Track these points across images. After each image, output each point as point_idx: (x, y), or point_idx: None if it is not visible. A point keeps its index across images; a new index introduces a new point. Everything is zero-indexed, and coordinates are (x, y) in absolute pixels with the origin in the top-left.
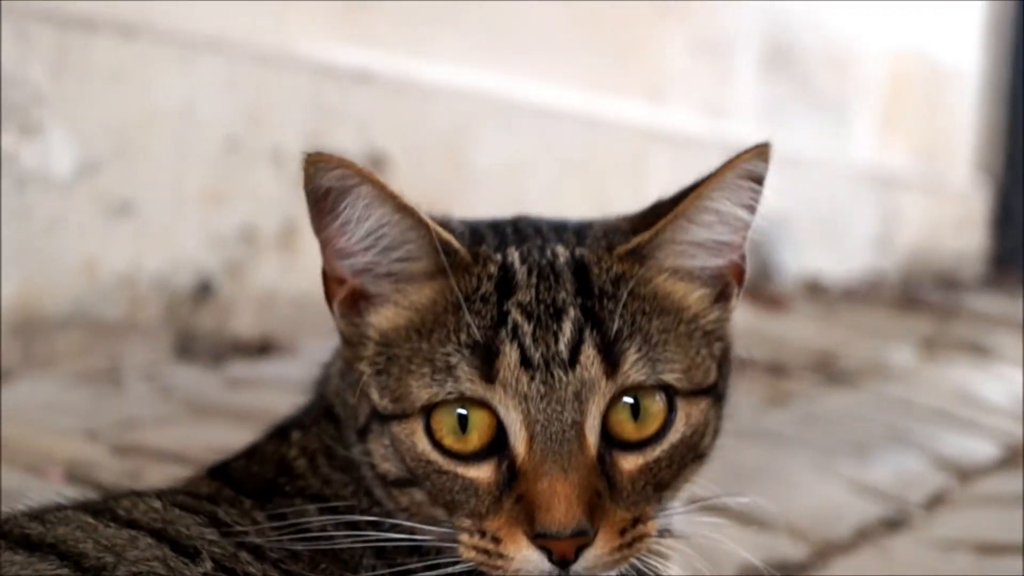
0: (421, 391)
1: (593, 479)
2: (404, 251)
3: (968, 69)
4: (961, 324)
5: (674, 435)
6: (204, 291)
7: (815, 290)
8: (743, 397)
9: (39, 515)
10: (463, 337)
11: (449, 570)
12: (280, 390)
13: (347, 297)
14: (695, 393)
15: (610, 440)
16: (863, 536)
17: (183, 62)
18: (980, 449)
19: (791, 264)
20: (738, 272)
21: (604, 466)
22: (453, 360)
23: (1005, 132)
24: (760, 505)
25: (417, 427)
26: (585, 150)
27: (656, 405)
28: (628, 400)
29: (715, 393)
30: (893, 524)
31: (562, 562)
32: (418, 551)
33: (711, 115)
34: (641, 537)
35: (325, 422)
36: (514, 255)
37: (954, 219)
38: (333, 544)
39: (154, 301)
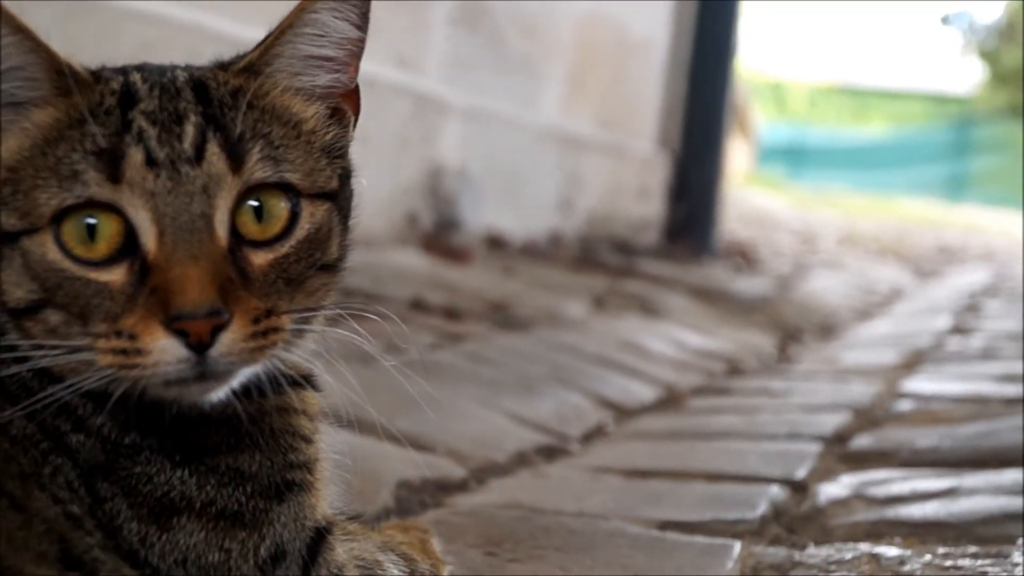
0: (49, 200)
1: (224, 266)
2: (24, 74)
3: (656, 41)
4: (633, 284)
5: (300, 232)
6: None
7: (496, 245)
8: (417, 334)
9: None
10: (88, 145)
11: (86, 386)
12: None
13: None
14: (318, 196)
15: (240, 238)
16: (521, 461)
17: None
18: (640, 392)
19: (474, 218)
20: (353, 100)
21: (235, 259)
22: (79, 167)
23: (685, 106)
24: (421, 428)
25: (47, 238)
26: None
27: (280, 207)
28: (253, 203)
29: (337, 202)
30: (551, 452)
31: (199, 346)
32: (51, 379)
33: (402, 67)
34: (275, 328)
35: None
36: (135, 75)
37: (634, 188)
38: None
39: None
